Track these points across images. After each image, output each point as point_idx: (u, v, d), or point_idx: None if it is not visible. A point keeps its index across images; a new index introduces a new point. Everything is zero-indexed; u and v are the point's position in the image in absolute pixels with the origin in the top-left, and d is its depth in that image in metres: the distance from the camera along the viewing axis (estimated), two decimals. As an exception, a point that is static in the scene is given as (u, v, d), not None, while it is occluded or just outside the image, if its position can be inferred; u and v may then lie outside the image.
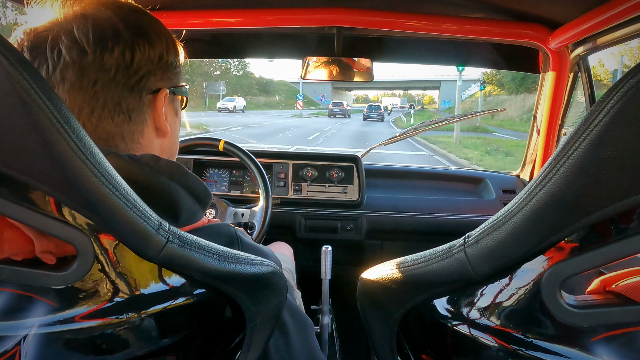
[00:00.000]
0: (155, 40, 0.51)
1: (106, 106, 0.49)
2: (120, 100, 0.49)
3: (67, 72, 0.46)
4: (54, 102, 0.33)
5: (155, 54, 0.51)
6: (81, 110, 0.48)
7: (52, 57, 0.45)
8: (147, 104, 0.52)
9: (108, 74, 0.47)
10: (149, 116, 0.53)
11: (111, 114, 0.49)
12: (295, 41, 1.46)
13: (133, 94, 0.50)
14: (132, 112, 0.51)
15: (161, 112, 0.53)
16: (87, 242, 0.36)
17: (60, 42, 0.45)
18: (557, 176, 0.32)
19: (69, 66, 0.46)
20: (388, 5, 1.16)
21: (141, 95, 0.51)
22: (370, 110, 28.86)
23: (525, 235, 0.35)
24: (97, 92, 0.48)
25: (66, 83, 0.46)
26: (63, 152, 0.33)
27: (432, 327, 0.46)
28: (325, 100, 56.52)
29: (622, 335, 0.34)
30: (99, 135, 0.49)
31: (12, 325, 0.36)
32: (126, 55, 0.48)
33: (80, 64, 0.46)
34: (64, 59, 0.45)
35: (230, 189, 1.63)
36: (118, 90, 0.49)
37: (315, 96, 60.02)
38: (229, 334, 0.50)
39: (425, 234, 1.54)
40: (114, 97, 0.49)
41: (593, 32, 1.02)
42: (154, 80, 0.52)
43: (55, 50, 0.45)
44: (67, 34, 0.45)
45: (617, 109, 0.29)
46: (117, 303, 0.39)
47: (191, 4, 1.18)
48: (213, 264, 0.42)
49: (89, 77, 0.47)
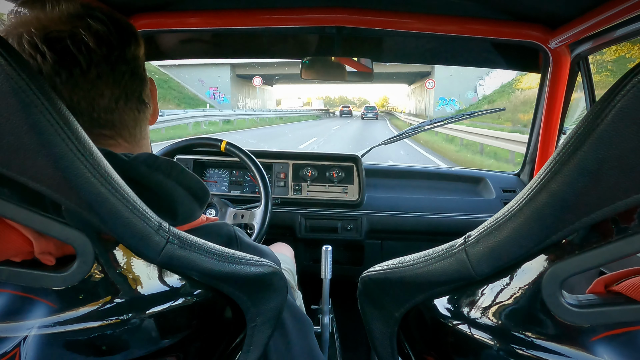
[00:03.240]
0: (138, 35, 0.55)
1: (132, 98, 0.53)
2: (141, 89, 0.54)
3: (100, 67, 0.48)
4: (53, 102, 0.33)
5: (143, 46, 0.55)
6: (117, 103, 0.51)
7: (82, 54, 0.46)
8: (150, 92, 0.57)
9: (129, 66, 0.51)
10: (152, 103, 0.58)
11: (136, 105, 0.54)
12: (295, 41, 1.46)
13: (144, 83, 0.55)
14: (147, 102, 0.56)
15: (156, 98, 0.59)
16: (87, 243, 0.36)
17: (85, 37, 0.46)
18: (558, 176, 0.32)
19: (101, 61, 0.48)
20: (388, 4, 1.16)
21: (147, 85, 0.56)
22: (367, 110, 33.98)
23: (525, 235, 0.35)
24: (127, 83, 0.51)
25: (102, 79, 0.49)
26: (62, 152, 0.33)
27: (433, 326, 0.46)
28: (221, 98, 30.93)
29: (622, 335, 0.34)
30: (127, 125, 0.53)
31: (12, 326, 0.36)
32: (134, 49, 0.52)
33: (110, 58, 0.49)
34: (96, 54, 0.47)
35: (230, 189, 1.63)
36: (137, 81, 0.53)
37: (203, 89, 30.61)
38: (229, 335, 0.50)
39: (426, 234, 1.54)
40: (136, 89, 0.53)
41: (593, 31, 1.02)
42: (143, 71, 0.56)
43: (82, 47, 0.46)
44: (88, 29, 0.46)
45: (617, 108, 0.29)
46: (117, 304, 0.39)
47: (190, 5, 1.18)
48: (213, 264, 0.42)
49: (119, 70, 0.50)
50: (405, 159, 8.97)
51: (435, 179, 1.70)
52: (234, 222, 1.27)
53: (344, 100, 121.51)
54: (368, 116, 32.28)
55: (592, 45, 1.15)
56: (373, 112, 33.01)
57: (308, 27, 1.23)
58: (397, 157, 9.05)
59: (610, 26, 0.96)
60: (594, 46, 1.14)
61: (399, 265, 0.46)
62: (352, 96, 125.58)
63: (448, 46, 1.45)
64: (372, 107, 34.53)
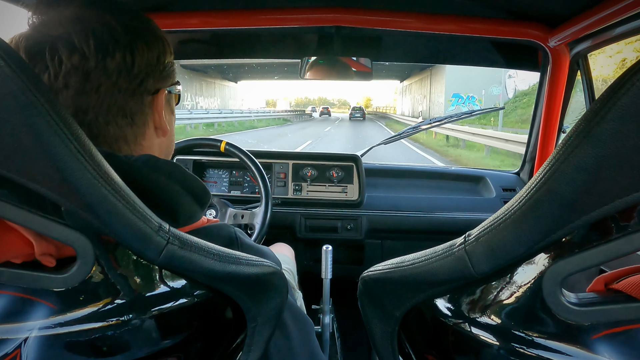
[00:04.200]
0: (152, 42, 0.51)
1: (110, 110, 0.49)
2: (124, 104, 0.49)
3: (70, 78, 0.46)
4: (52, 104, 0.33)
5: (153, 56, 0.51)
6: (86, 115, 0.47)
7: (53, 65, 0.45)
8: (148, 106, 0.52)
9: (110, 78, 0.47)
10: (150, 117, 0.53)
11: (115, 118, 0.49)
12: (294, 41, 1.46)
13: (135, 97, 0.50)
14: (134, 115, 0.51)
15: (162, 112, 0.54)
16: (87, 244, 0.36)
17: (59, 49, 0.45)
18: (557, 174, 0.32)
19: (71, 72, 0.45)
20: (387, 4, 1.16)
21: (142, 98, 0.51)
22: (354, 111, 38.04)
23: (525, 234, 0.35)
24: (101, 96, 0.47)
25: (70, 89, 0.46)
26: (61, 154, 0.33)
27: (433, 326, 0.46)
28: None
29: (623, 333, 0.34)
30: (104, 139, 0.49)
31: (13, 328, 0.36)
32: (127, 59, 0.48)
33: (83, 69, 0.46)
34: (66, 65, 0.45)
35: (230, 189, 1.63)
36: (121, 95, 0.49)
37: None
38: (230, 335, 0.50)
39: (426, 233, 1.54)
40: (117, 102, 0.49)
41: (592, 30, 1.02)
42: (152, 81, 0.52)
43: (55, 58, 0.45)
44: (66, 41, 0.45)
45: (617, 106, 0.29)
46: (118, 305, 0.39)
47: (189, 5, 1.18)
48: (213, 265, 0.42)
49: (92, 82, 0.46)
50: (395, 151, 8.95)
51: (435, 178, 1.70)
52: (234, 222, 1.27)
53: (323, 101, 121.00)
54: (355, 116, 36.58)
55: (591, 44, 1.15)
56: (360, 113, 37.77)
57: (307, 27, 1.23)
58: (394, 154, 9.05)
59: (609, 24, 0.96)
60: (593, 44, 1.14)
61: (399, 264, 0.46)
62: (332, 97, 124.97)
63: (447, 45, 1.45)
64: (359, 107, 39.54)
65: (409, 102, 40.68)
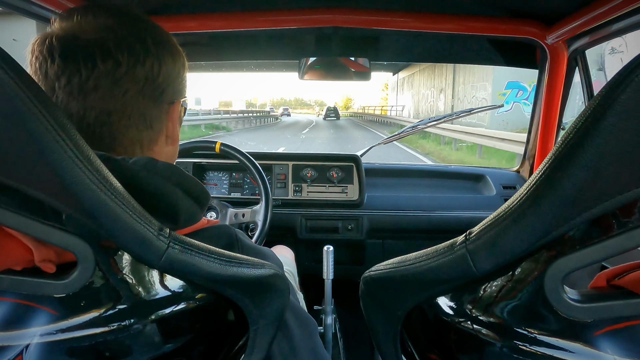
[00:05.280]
0: (176, 55, 0.55)
1: (132, 115, 0.51)
2: (145, 110, 0.52)
3: (100, 80, 0.48)
4: (50, 110, 0.33)
5: (175, 68, 0.54)
6: (109, 117, 0.50)
7: (86, 67, 0.47)
8: (165, 114, 0.55)
9: (137, 85, 0.50)
10: (165, 125, 0.56)
11: (136, 123, 0.52)
12: (292, 42, 1.46)
13: (156, 105, 0.53)
14: (153, 122, 0.54)
15: (176, 121, 0.57)
16: (87, 249, 0.36)
17: (95, 54, 0.47)
18: (557, 171, 0.32)
19: (102, 76, 0.48)
20: (384, 4, 1.16)
21: (162, 106, 0.54)
22: (328, 111, 39.58)
23: (526, 231, 0.35)
24: (127, 101, 0.50)
25: (99, 90, 0.48)
26: (60, 160, 0.33)
27: (436, 324, 0.46)
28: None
29: (625, 329, 0.34)
30: (122, 141, 0.52)
31: (15, 335, 0.36)
32: (154, 69, 0.51)
33: (114, 74, 0.48)
34: (99, 69, 0.48)
35: (230, 191, 1.63)
36: (145, 101, 0.52)
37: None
38: (232, 338, 0.50)
39: (427, 232, 1.54)
40: (140, 107, 0.52)
41: (590, 26, 1.02)
42: (171, 92, 0.55)
43: (89, 60, 0.47)
44: (101, 46, 0.48)
45: (617, 102, 0.29)
46: (119, 310, 0.39)
47: (187, 8, 1.18)
48: (215, 268, 0.42)
49: (120, 87, 0.49)
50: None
51: (435, 177, 1.70)
52: (235, 221, 1.27)
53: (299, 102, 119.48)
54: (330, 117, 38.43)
55: (589, 40, 1.15)
56: (335, 113, 39.52)
57: (305, 28, 1.23)
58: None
59: (607, 21, 0.96)
60: (591, 41, 1.15)
61: (400, 264, 0.46)
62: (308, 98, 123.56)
63: (445, 44, 1.45)
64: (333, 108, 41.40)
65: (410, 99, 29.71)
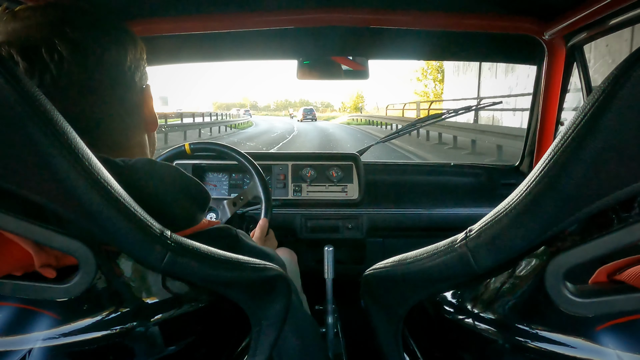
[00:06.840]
0: (135, 38, 0.54)
1: (113, 105, 0.51)
2: (124, 98, 0.52)
3: (73, 75, 0.47)
4: (48, 114, 0.33)
5: (138, 51, 0.54)
6: (92, 110, 0.50)
7: (53, 62, 0.45)
8: (141, 100, 0.55)
9: (110, 73, 0.50)
10: (142, 111, 0.56)
11: (119, 112, 0.52)
12: (290, 42, 1.46)
13: (131, 91, 0.53)
14: (134, 109, 0.54)
15: (151, 106, 0.57)
16: (89, 253, 0.36)
17: (58, 46, 0.45)
18: (557, 167, 0.32)
19: (73, 69, 0.47)
20: (382, 3, 1.16)
21: (136, 91, 0.54)
22: (306, 112, 39.14)
23: (526, 227, 0.35)
24: (105, 91, 0.50)
25: (75, 86, 0.47)
26: (59, 163, 0.33)
27: (437, 322, 0.46)
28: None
29: (626, 324, 0.34)
30: (111, 133, 0.52)
31: (17, 340, 0.36)
32: (121, 53, 0.51)
33: (85, 65, 0.47)
34: (67, 62, 0.46)
35: (230, 192, 1.63)
36: (120, 89, 0.51)
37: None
38: (235, 339, 0.50)
39: (427, 230, 1.54)
40: (118, 95, 0.51)
41: (587, 21, 1.02)
42: (139, 76, 0.55)
43: (55, 55, 0.45)
44: (63, 37, 0.46)
45: (616, 97, 0.29)
46: (122, 313, 0.39)
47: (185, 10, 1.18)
48: (216, 270, 0.42)
49: (94, 77, 0.48)
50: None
51: (435, 174, 1.70)
52: (236, 208, 1.27)
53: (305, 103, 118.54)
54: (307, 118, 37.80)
55: (587, 35, 1.15)
56: (312, 115, 39.13)
57: (303, 28, 1.23)
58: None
59: (604, 16, 0.96)
60: (589, 36, 1.14)
61: (401, 262, 0.46)
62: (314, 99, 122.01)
63: (443, 42, 1.45)
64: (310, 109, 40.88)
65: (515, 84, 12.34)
